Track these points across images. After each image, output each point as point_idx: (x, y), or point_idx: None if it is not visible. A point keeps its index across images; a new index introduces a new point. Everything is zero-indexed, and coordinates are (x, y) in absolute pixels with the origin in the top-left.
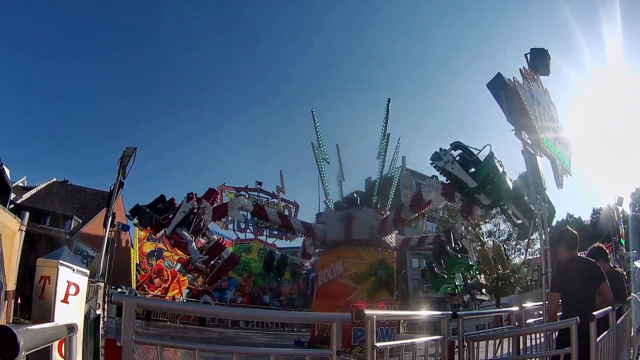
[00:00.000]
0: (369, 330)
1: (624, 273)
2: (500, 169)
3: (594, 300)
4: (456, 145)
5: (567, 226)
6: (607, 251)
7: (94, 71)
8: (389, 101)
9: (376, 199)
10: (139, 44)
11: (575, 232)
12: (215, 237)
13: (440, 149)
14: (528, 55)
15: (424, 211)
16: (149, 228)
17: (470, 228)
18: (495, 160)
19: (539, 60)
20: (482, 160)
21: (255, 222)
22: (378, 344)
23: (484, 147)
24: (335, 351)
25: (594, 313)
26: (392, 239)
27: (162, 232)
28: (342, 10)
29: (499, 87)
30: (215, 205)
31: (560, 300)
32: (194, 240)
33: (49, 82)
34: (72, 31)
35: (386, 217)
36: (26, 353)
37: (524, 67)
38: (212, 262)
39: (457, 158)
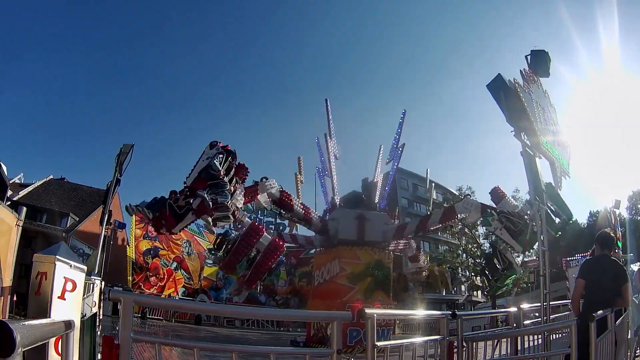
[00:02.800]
0: (369, 329)
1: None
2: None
3: (614, 296)
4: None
5: (608, 229)
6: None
7: (91, 68)
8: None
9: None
10: (138, 40)
11: (611, 235)
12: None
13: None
14: (528, 57)
15: (448, 223)
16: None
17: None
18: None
19: (539, 61)
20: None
21: (276, 213)
22: (379, 343)
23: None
24: (335, 350)
25: (594, 314)
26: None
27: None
28: (341, 10)
29: (499, 88)
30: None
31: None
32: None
33: (46, 79)
34: (70, 28)
35: (405, 224)
36: (23, 349)
37: (524, 69)
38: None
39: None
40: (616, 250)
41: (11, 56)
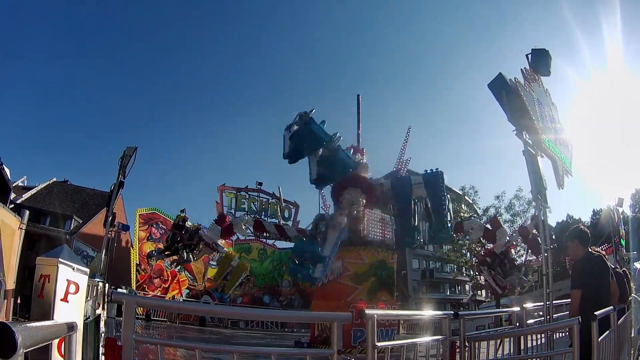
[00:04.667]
0: (369, 330)
1: (627, 273)
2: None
3: (609, 295)
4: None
5: (580, 224)
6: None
7: (94, 70)
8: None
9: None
10: (141, 43)
11: (586, 229)
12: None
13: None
14: (529, 56)
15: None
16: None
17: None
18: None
19: (540, 60)
20: None
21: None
22: (379, 344)
23: None
24: (336, 351)
25: (596, 313)
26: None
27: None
28: (342, 9)
29: (500, 87)
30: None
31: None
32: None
33: (49, 81)
34: (72, 29)
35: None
36: (24, 351)
37: (525, 68)
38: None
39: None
40: (620, 249)
41: (13, 56)
